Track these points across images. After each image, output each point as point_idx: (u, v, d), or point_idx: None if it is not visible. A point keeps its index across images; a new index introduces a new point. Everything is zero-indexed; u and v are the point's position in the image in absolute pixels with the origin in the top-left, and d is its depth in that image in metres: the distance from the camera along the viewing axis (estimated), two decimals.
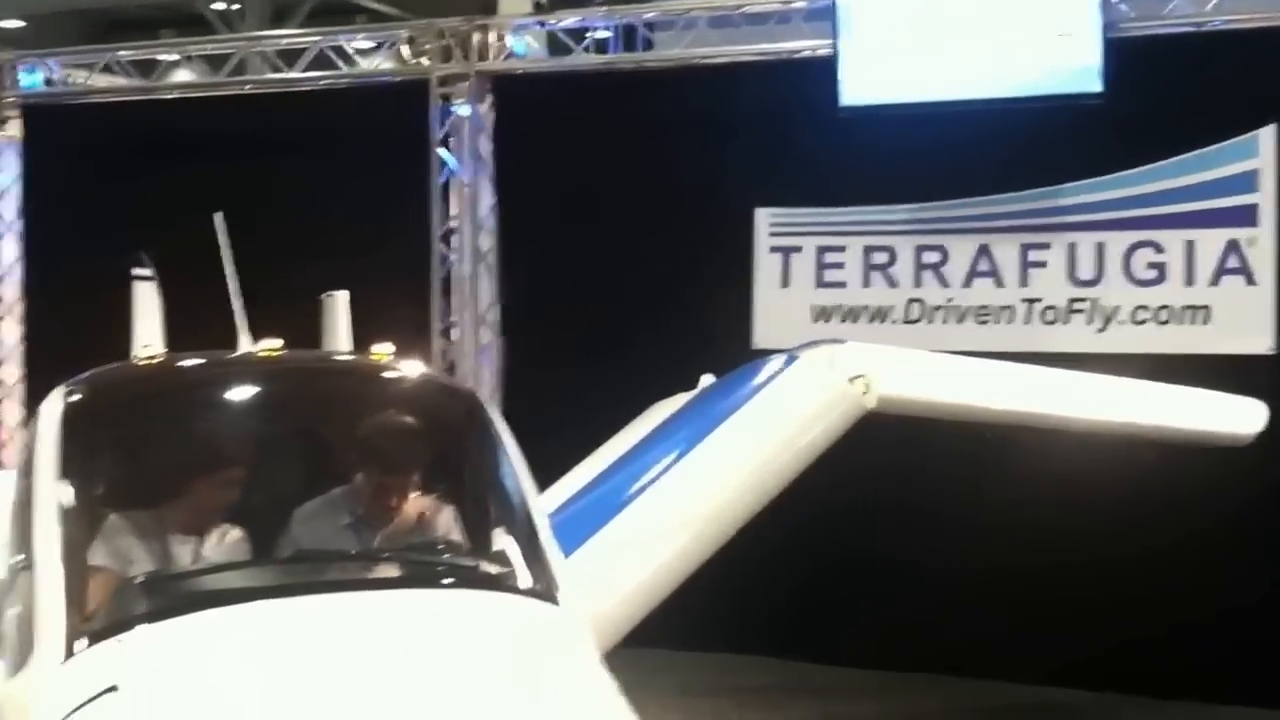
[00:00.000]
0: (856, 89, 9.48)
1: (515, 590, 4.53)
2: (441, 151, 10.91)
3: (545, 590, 4.55)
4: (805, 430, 6.58)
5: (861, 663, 9.53)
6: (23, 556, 4.62)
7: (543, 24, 11.21)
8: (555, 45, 11.20)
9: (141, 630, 4.11)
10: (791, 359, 7.02)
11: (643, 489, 6.13)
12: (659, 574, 5.91)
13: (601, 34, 10.91)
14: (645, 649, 5.64)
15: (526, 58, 11.13)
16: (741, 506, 6.25)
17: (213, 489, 4.81)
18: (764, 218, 10.26)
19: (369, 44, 12.11)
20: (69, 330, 10.97)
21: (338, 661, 3.87)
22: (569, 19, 10.93)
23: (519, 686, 3.93)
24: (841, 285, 10.12)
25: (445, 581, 4.53)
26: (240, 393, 5.35)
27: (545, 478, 5.60)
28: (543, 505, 5.03)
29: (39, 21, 23.72)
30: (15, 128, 12.56)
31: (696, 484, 6.22)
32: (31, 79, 12.58)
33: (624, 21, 10.76)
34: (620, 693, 4.04)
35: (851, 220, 10.09)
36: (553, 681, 4.05)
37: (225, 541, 4.75)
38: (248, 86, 12.01)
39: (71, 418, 4.85)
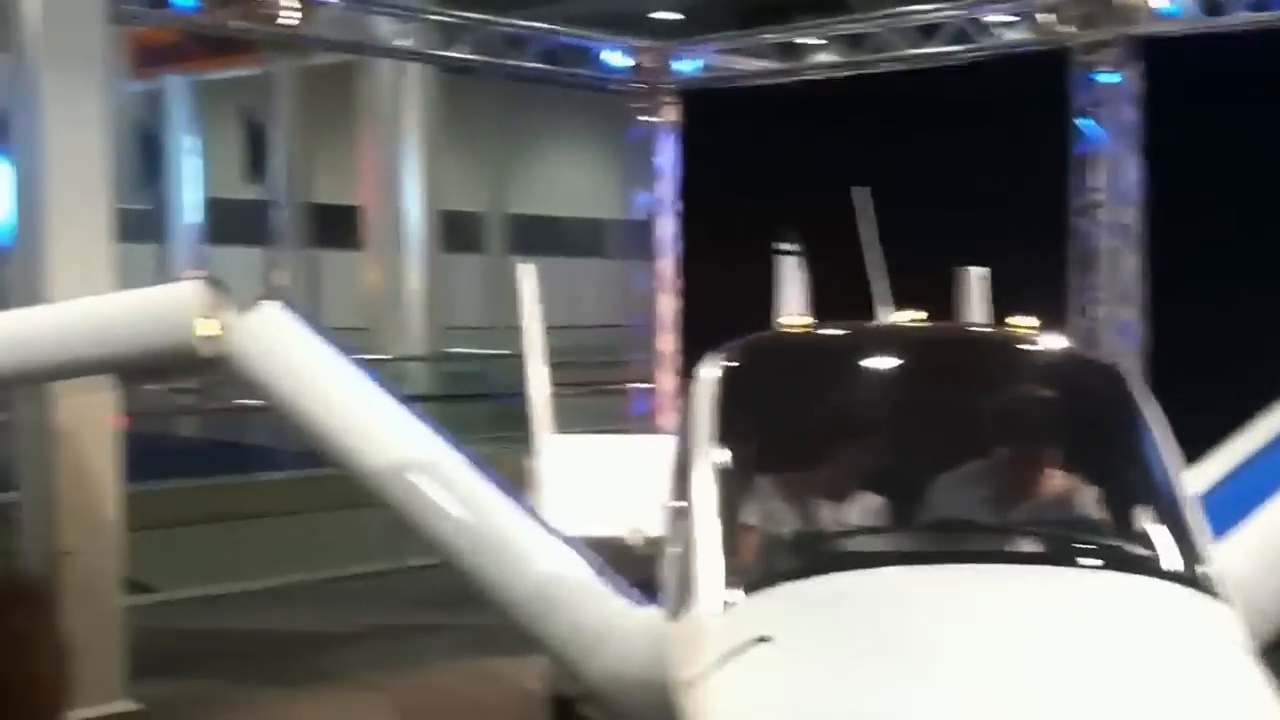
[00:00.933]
0: None
1: (1162, 575, 4.35)
2: (1081, 121, 10.58)
3: (1194, 577, 4.35)
4: None
5: None
6: (681, 512, 4.97)
7: None
8: (1210, 5, 10.54)
9: (792, 586, 4.32)
10: None
11: None
12: None
13: None
14: None
15: (1178, 19, 10.55)
16: None
17: (855, 454, 4.96)
18: None
19: (1009, 17, 11.93)
20: (720, 302, 11.59)
21: (975, 631, 3.89)
22: None
23: (1161, 675, 3.78)
24: None
25: (1087, 561, 4.43)
26: (885, 362, 5.47)
27: (1190, 458, 5.32)
28: (1191, 487, 4.80)
29: (695, 11, 25.16)
30: (674, 112, 13.44)
31: None
32: (686, 66, 13.39)
33: None
34: (1276, 693, 3.80)
35: None
36: (1199, 675, 3.86)
37: (866, 506, 4.89)
38: (886, 64, 12.18)
39: (726, 382, 5.14)
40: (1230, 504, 5.45)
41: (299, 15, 11.11)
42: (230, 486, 13.01)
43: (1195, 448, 5.69)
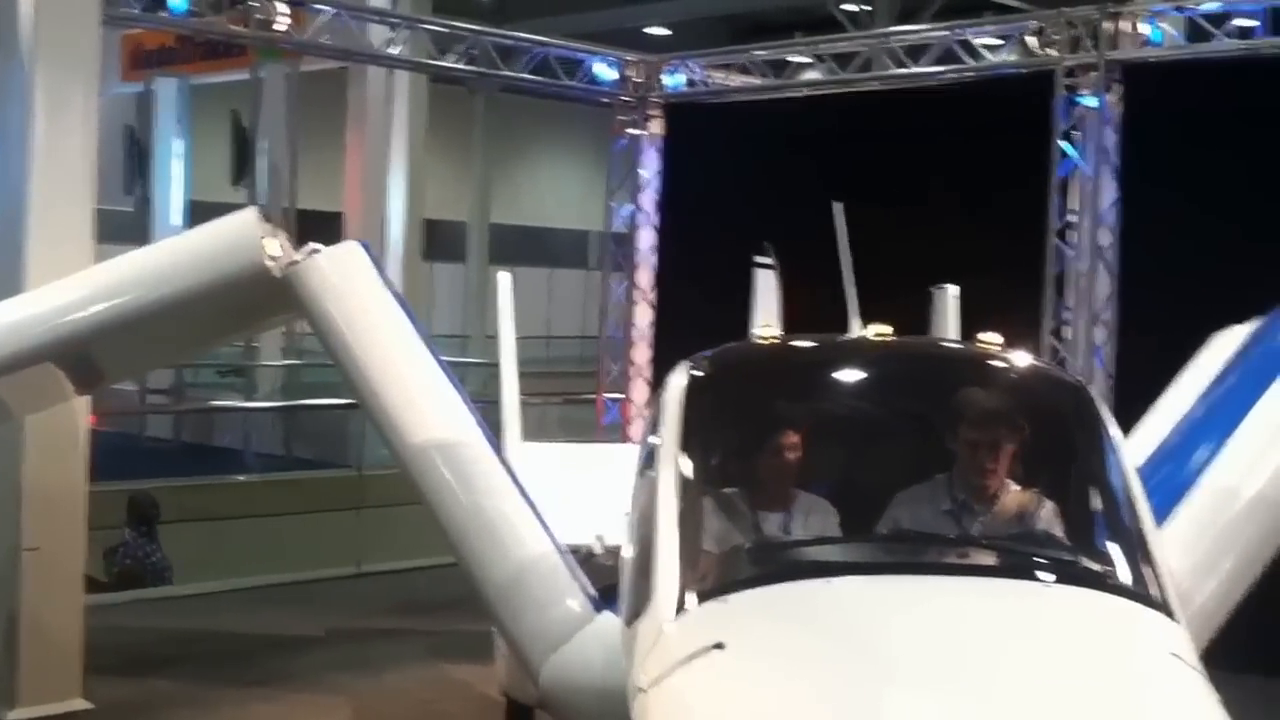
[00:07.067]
0: None
1: (1116, 590, 4.34)
2: (1063, 144, 10.60)
3: (1148, 593, 4.33)
4: None
5: None
6: (642, 519, 4.94)
7: (1181, 9, 10.59)
8: (1194, 32, 10.57)
9: (748, 594, 4.30)
10: None
11: (1211, 458, 5.59)
12: (1242, 563, 5.42)
13: (1246, 21, 10.20)
14: None
15: (1162, 45, 10.58)
16: None
17: (816, 465, 4.95)
18: None
19: (996, 39, 11.98)
20: (695, 314, 11.59)
21: (927, 640, 3.86)
22: (1210, 3, 10.25)
23: (1108, 690, 3.74)
24: None
25: (1042, 575, 4.40)
26: (849, 375, 5.45)
27: None
28: (1149, 507, 4.77)
29: (681, 28, 25.25)
30: (658, 126, 13.48)
31: (1269, 443, 5.61)
32: (674, 80, 13.43)
33: (1272, 4, 9.97)
34: (1225, 714, 3.77)
35: None
36: (1146, 691, 3.84)
37: (826, 517, 4.86)
38: (873, 83, 12.21)
39: (692, 392, 5.11)
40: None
41: (291, 21, 11.15)
42: (196, 488, 12.97)
43: None
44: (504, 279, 9.20)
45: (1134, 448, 5.66)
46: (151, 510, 11.68)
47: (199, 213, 23.72)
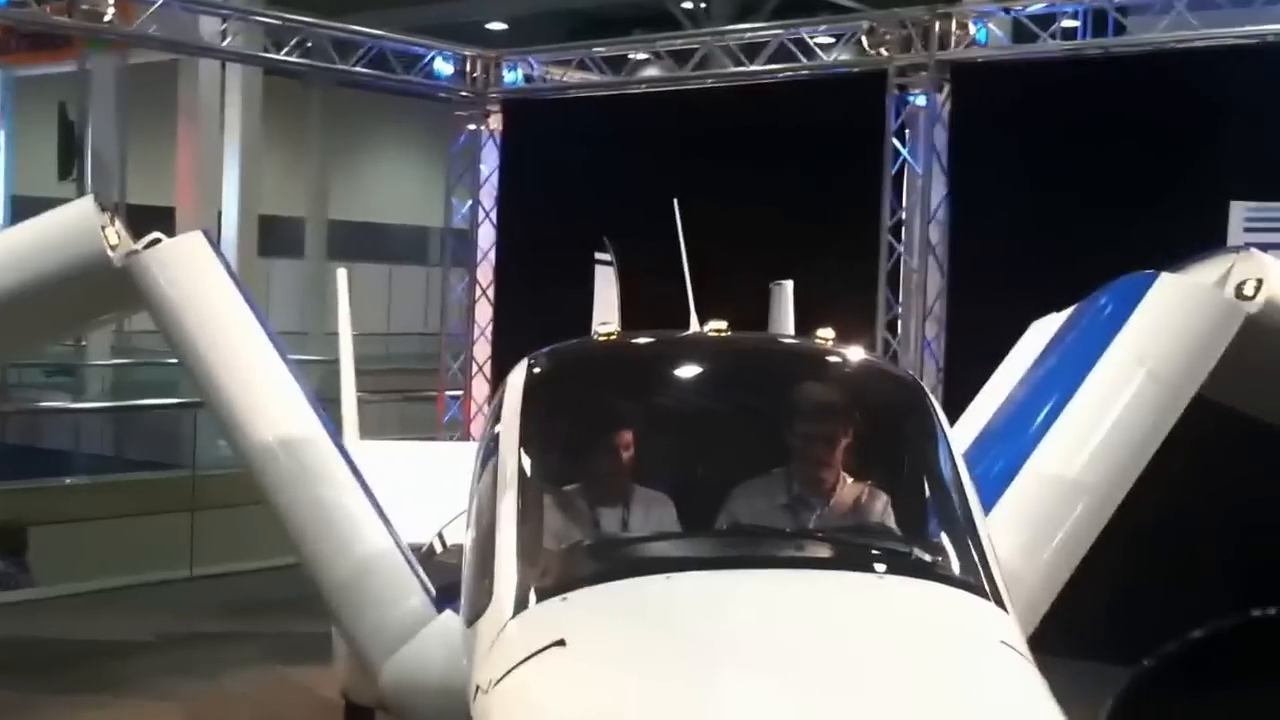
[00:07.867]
0: None
1: (949, 581, 4.43)
2: (895, 142, 10.83)
3: (979, 584, 4.42)
4: (1192, 350, 6.03)
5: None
6: (481, 517, 4.92)
7: (1008, 10, 10.89)
8: (1020, 33, 10.89)
9: (588, 591, 4.30)
10: (1170, 271, 6.36)
11: (1032, 444, 5.77)
12: (1064, 549, 5.58)
13: (1070, 23, 10.53)
14: None
15: (989, 45, 10.87)
16: (1135, 453, 5.81)
17: (654, 461, 4.97)
18: (1239, 212, 9.57)
19: (830, 39, 12.20)
20: (536, 310, 11.59)
21: (761, 634, 3.91)
22: (1036, 5, 10.57)
23: (941, 678, 3.83)
24: None
25: (877, 566, 4.49)
26: (686, 371, 5.47)
27: None
28: (979, 498, 4.89)
29: (520, 23, 25.19)
30: (496, 121, 13.45)
31: (1087, 430, 5.80)
32: (513, 76, 13.40)
33: (1094, 6, 10.33)
34: (1053, 701, 3.88)
35: None
36: (977, 677, 3.93)
37: (665, 514, 4.88)
38: (710, 80, 12.34)
39: (531, 389, 5.10)
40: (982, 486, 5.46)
41: (118, 11, 10.89)
42: (21, 492, 12.58)
43: None
44: (341, 275, 9.12)
45: (958, 436, 5.81)
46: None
47: (24, 208, 22.97)
